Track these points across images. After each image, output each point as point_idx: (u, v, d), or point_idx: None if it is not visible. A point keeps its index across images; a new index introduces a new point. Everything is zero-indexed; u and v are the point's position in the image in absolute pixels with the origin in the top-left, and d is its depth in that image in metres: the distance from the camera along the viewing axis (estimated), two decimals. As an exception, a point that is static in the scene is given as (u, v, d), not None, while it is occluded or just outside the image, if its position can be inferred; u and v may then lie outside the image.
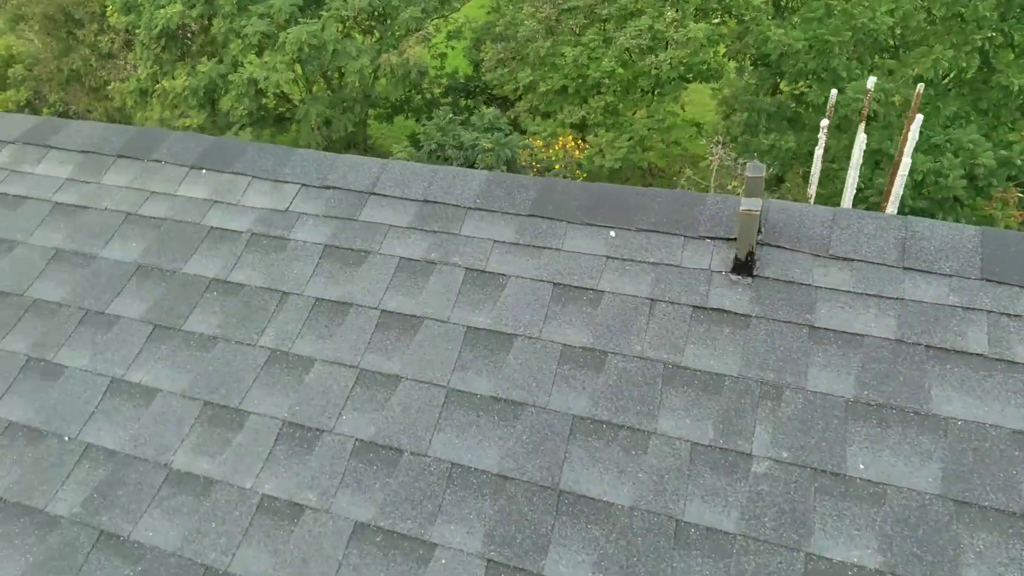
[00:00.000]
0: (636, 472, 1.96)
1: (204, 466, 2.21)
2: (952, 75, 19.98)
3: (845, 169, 19.79)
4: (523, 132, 19.68)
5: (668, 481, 1.93)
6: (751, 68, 21.99)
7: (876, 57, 20.28)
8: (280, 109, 23.53)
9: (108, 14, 23.73)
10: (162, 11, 21.52)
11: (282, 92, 22.57)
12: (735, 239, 2.33)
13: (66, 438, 2.35)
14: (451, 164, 15.57)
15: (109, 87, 24.87)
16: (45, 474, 2.28)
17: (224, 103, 21.91)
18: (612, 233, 2.45)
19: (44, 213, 3.01)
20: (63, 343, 2.58)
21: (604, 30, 21.58)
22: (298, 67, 21.50)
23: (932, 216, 19.10)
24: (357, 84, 21.24)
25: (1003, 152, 19.55)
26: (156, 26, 21.88)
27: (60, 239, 2.91)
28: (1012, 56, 18.59)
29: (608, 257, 2.40)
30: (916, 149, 19.92)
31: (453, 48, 25.90)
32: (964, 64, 18.76)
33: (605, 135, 21.51)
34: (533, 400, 2.14)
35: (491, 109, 16.38)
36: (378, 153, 24.77)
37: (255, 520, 2.08)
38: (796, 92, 21.47)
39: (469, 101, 24.67)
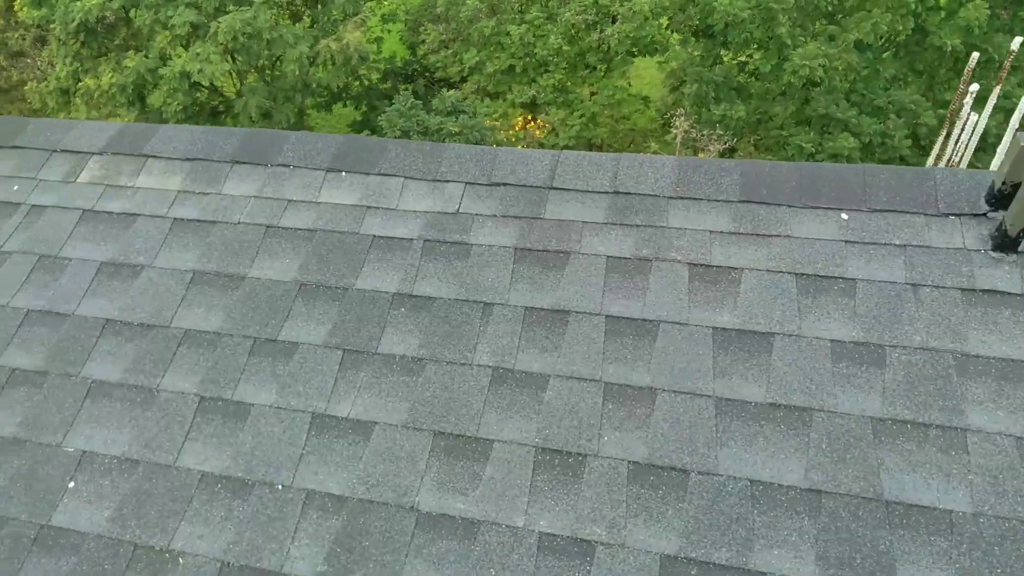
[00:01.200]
0: (964, 474, 1.83)
1: (458, 505, 1.97)
2: (888, 39, 20.60)
3: (793, 135, 20.24)
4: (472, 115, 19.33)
5: (1005, 482, 1.81)
6: (694, 40, 22.17)
7: (817, 24, 20.74)
8: (213, 103, 22.50)
9: (17, 8, 22.09)
10: (79, 3, 20.15)
11: (213, 85, 21.57)
12: (983, 215, 2.22)
13: (279, 486, 2.07)
14: (418, 151, 15.16)
15: (25, 88, 23.27)
16: (266, 528, 2.00)
17: (155, 99, 20.81)
18: (844, 216, 2.31)
19: (164, 231, 2.66)
20: (239, 378, 2.28)
21: (547, 6, 21.37)
22: (230, 58, 20.56)
23: (880, 176, 19.71)
24: (297, 73, 20.46)
25: (941, 111, 20.31)
26: (73, 20, 20.52)
27: (193, 259, 2.57)
28: (940, 18, 19.28)
29: (847, 242, 2.26)
30: (860, 111, 20.51)
31: (389, 32, 25.23)
32: (899, 27, 19.34)
33: (556, 113, 21.41)
34: (820, 404, 1.99)
35: (452, 92, 15.98)
36: None
37: (540, 563, 1.86)
38: (740, 61, 21.79)
39: (408, 85, 24.14)
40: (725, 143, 16.94)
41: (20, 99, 24.56)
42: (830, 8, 20.84)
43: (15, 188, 2.89)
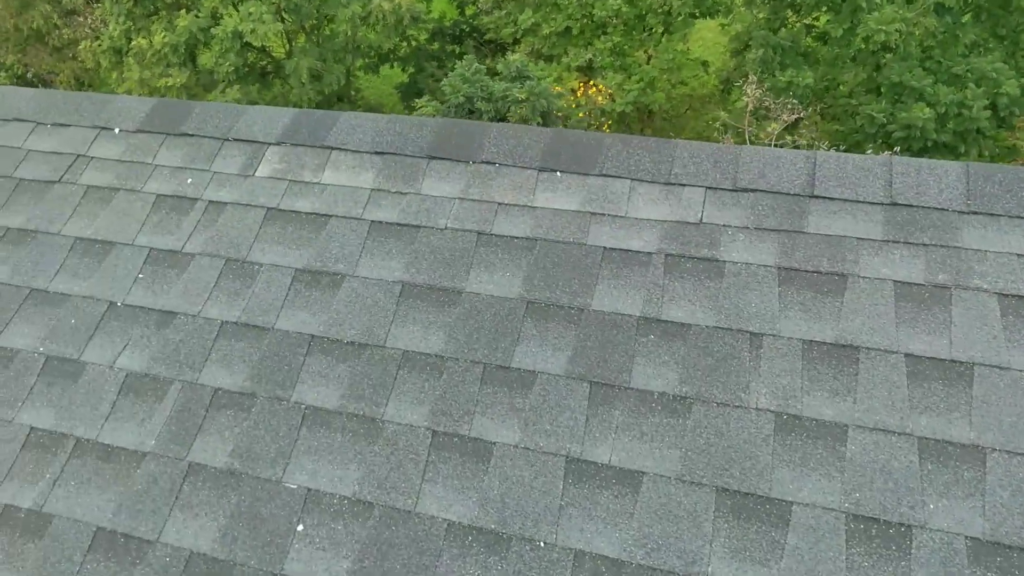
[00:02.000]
0: None
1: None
2: (968, 1, 19.52)
3: (863, 104, 19.41)
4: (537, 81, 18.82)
5: None
6: (759, 1, 21.27)
7: (892, -15, 19.71)
8: (261, 63, 22.24)
9: (71, -35, 21.94)
10: None
11: (263, 46, 21.27)
12: None
13: (540, 543, 1.82)
14: (480, 118, 14.77)
15: (78, 47, 23.23)
16: (536, 596, 1.77)
17: (206, 59, 20.64)
18: None
19: (361, 235, 2.41)
20: (473, 410, 2.03)
21: (609, -35, 20.62)
22: (285, 17, 20.22)
23: (955, 149, 18.91)
24: (348, 33, 20.08)
25: (1024, 80, 19.23)
26: (127, -23, 20.27)
27: (400, 269, 2.31)
28: (1028, -21, 18.16)
29: None
30: (936, 80, 19.57)
31: (437, -11, 24.59)
32: (985, -12, 18.26)
33: (613, 77, 20.81)
34: None
35: (516, 56, 15.49)
36: (369, 106, 23.64)
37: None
38: (807, 25, 20.90)
39: (456, 46, 23.60)
40: (798, 113, 16.23)
41: (72, 58, 24.56)
42: (906, -32, 19.74)
43: (189, 181, 2.65)
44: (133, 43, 20.95)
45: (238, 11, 19.75)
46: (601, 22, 20.92)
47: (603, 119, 18.41)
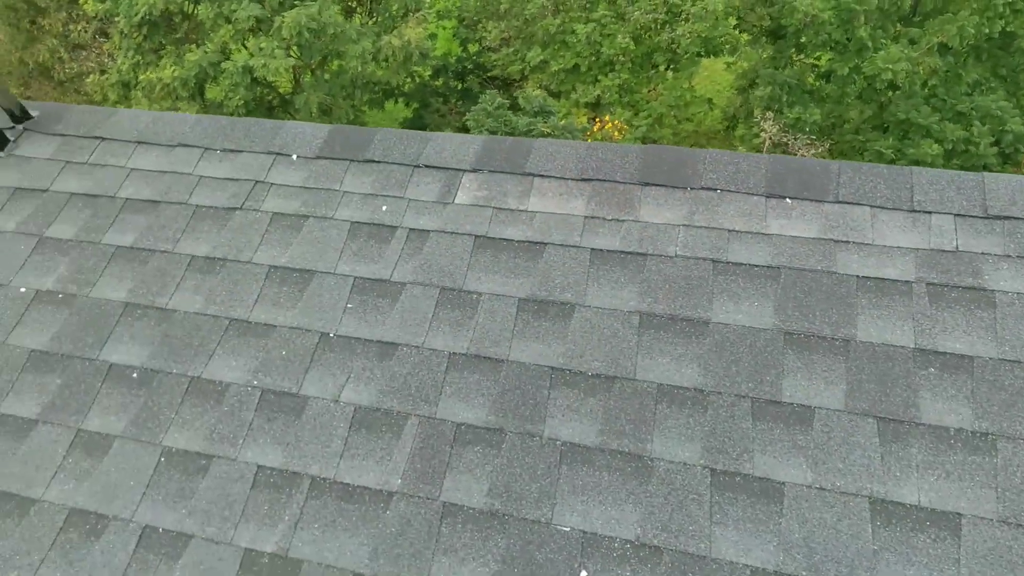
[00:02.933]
0: None
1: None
2: (970, 42, 19.99)
3: (870, 140, 19.72)
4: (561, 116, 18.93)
5: None
6: (764, 40, 21.72)
7: (896, 26, 20.18)
8: (268, 97, 22.31)
9: (81, 1, 21.98)
10: None
11: (267, 80, 21.36)
12: None
13: (866, 592, 1.70)
14: (506, 151, 14.80)
15: (86, 80, 23.21)
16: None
17: (214, 93, 20.68)
18: None
19: (583, 263, 2.30)
20: (751, 448, 1.92)
21: (616, 4, 20.99)
22: (292, 52, 20.33)
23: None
24: (359, 69, 20.22)
25: (1028, 118, 19.62)
26: (137, 13, 20.37)
27: (634, 298, 2.21)
28: (1024, 21, 18.67)
29: None
30: (942, 117, 19.94)
31: (444, 28, 24.96)
32: (987, 30, 18.74)
33: (621, 113, 21.07)
34: None
35: (538, 91, 15.62)
36: None
37: None
38: (812, 64, 21.33)
39: (459, 83, 23.85)
40: (817, 148, 16.42)
41: (77, 91, 24.52)
42: (910, 10, 20.29)
43: (384, 208, 2.54)
44: (142, 77, 20.97)
45: (246, 47, 19.87)
46: (609, 60, 21.26)
47: (620, 154, 18.51)
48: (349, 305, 2.33)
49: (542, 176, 2.53)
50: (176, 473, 2.06)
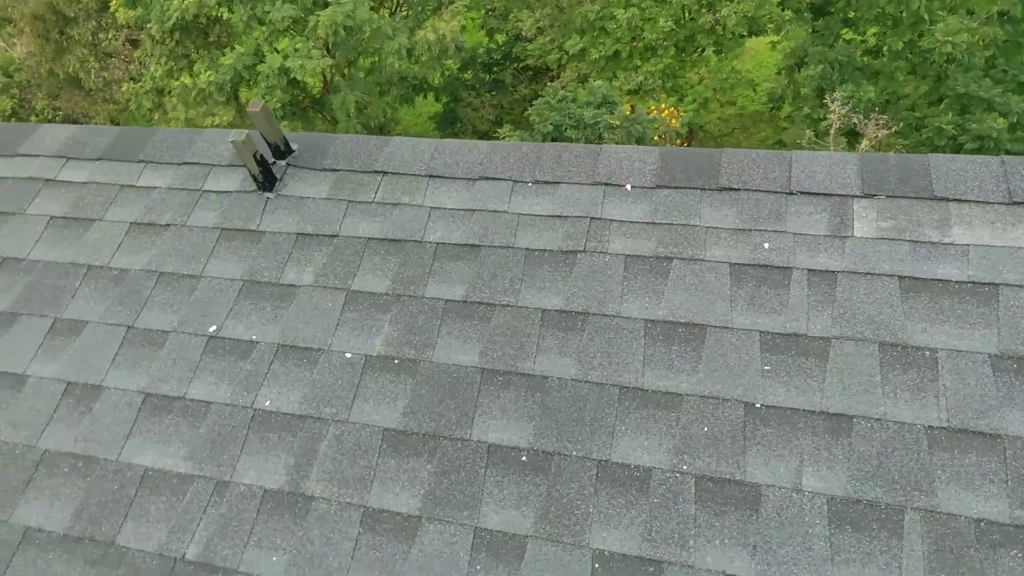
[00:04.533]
0: None
1: None
2: (1026, 9, 19.29)
3: (928, 116, 19.14)
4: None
5: None
6: (810, 17, 21.17)
7: (950, -4, 19.56)
8: (300, 99, 22.01)
9: (112, 9, 21.69)
10: (175, 1, 19.71)
11: (303, 82, 21.04)
12: None
13: None
14: (571, 145, 14.38)
15: (121, 88, 22.97)
16: None
17: (248, 96, 20.40)
18: None
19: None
20: None
21: (656, -12, 20.48)
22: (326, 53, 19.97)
23: (1029, 158, 18.53)
24: (396, 66, 19.86)
25: (1092, 88, 19.01)
26: (169, 19, 20.09)
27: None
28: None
29: None
30: (1004, 89, 19.35)
31: (472, 19, 24.54)
32: (1049, -6, 18.07)
33: (665, 99, 20.64)
34: None
35: (600, 82, 15.17)
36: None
37: None
38: (861, 40, 20.77)
39: (488, 75, 23.47)
40: (890, 128, 15.89)
41: (107, 100, 24.32)
42: (965, -22, 19.60)
43: (766, 246, 2.17)
44: (176, 82, 20.72)
45: (277, 51, 19.56)
46: (650, 44, 20.78)
47: (677, 141, 18.10)
48: (766, 368, 1.97)
49: (959, 201, 2.15)
50: None
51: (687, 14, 20.51)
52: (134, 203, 2.73)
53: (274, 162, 2.66)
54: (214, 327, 2.34)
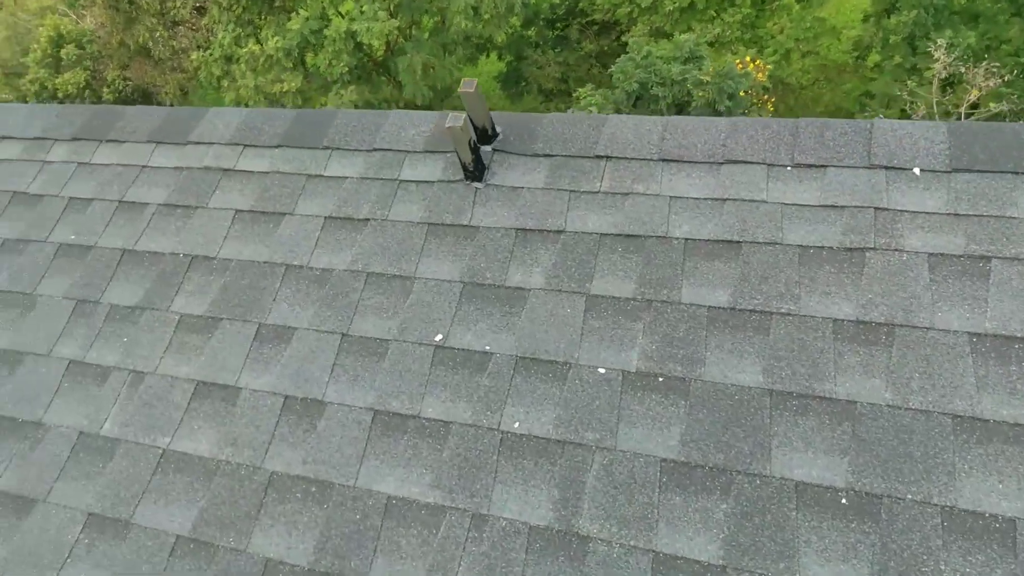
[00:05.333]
0: None
1: None
2: None
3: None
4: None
5: None
6: (903, -41, 19.79)
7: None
8: (364, 61, 21.73)
9: (180, -25, 21.69)
10: None
11: (368, 45, 20.73)
12: None
13: None
14: (657, 104, 13.82)
15: (190, 57, 23.11)
16: None
17: (319, 60, 20.25)
18: None
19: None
20: None
21: (737, -67, 19.47)
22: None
23: None
24: (464, 25, 19.41)
25: None
26: (237, -16, 19.96)
27: None
28: None
29: None
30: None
31: (534, -26, 23.75)
32: None
33: (744, 52, 19.75)
34: None
35: (686, 36, 14.47)
36: None
37: None
38: (955, -20, 19.35)
39: (551, 32, 22.76)
40: (1003, 77, 14.78)
41: (176, 68, 24.53)
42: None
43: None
44: (244, 50, 20.69)
45: (341, 15, 19.29)
46: (729, -7, 19.85)
47: (764, 96, 17.29)
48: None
49: None
50: None
51: (768, -41, 19.49)
52: (324, 195, 2.51)
53: (480, 148, 2.39)
54: (440, 336, 2.11)
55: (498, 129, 2.42)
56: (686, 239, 2.09)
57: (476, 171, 2.32)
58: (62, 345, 2.41)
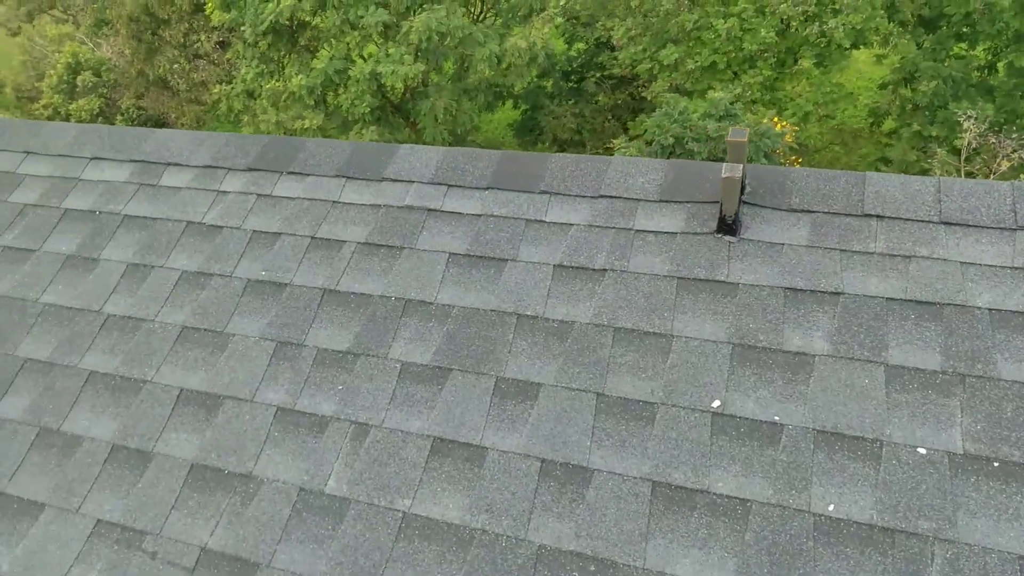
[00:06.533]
0: None
1: None
2: None
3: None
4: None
5: None
6: (922, 31, 20.35)
7: (1076, 10, 18.56)
8: (383, 104, 21.90)
9: (208, 11, 21.87)
10: (270, 5, 19.80)
11: (388, 88, 20.92)
12: None
13: None
14: (693, 159, 13.88)
15: (212, 90, 23.23)
16: None
17: (341, 100, 20.37)
18: None
19: None
20: None
21: (758, -1, 19.91)
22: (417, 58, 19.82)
23: None
24: (487, 72, 19.64)
25: None
26: (263, 22, 20.19)
27: None
28: None
29: None
30: None
31: (556, 27, 24.23)
32: None
33: (764, 112, 20.01)
34: None
35: (720, 93, 14.64)
36: (490, 145, 23.12)
37: None
38: (971, 55, 19.92)
39: (566, 83, 23.15)
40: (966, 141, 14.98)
41: (194, 100, 24.62)
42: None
43: None
44: (267, 85, 20.80)
45: (364, 58, 19.50)
46: (750, 55, 20.24)
47: (792, 157, 17.46)
48: None
49: None
50: None
51: (790, 26, 19.93)
52: (549, 241, 2.34)
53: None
54: (717, 402, 1.93)
55: (746, 182, 2.29)
56: (989, 309, 1.93)
57: (732, 224, 2.17)
58: (267, 390, 2.20)
